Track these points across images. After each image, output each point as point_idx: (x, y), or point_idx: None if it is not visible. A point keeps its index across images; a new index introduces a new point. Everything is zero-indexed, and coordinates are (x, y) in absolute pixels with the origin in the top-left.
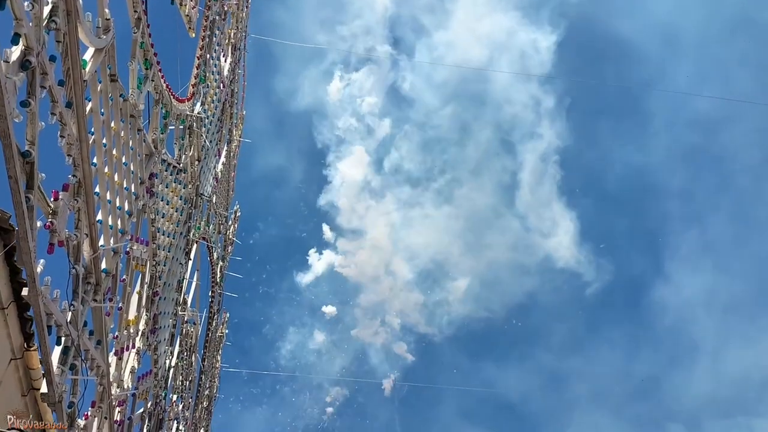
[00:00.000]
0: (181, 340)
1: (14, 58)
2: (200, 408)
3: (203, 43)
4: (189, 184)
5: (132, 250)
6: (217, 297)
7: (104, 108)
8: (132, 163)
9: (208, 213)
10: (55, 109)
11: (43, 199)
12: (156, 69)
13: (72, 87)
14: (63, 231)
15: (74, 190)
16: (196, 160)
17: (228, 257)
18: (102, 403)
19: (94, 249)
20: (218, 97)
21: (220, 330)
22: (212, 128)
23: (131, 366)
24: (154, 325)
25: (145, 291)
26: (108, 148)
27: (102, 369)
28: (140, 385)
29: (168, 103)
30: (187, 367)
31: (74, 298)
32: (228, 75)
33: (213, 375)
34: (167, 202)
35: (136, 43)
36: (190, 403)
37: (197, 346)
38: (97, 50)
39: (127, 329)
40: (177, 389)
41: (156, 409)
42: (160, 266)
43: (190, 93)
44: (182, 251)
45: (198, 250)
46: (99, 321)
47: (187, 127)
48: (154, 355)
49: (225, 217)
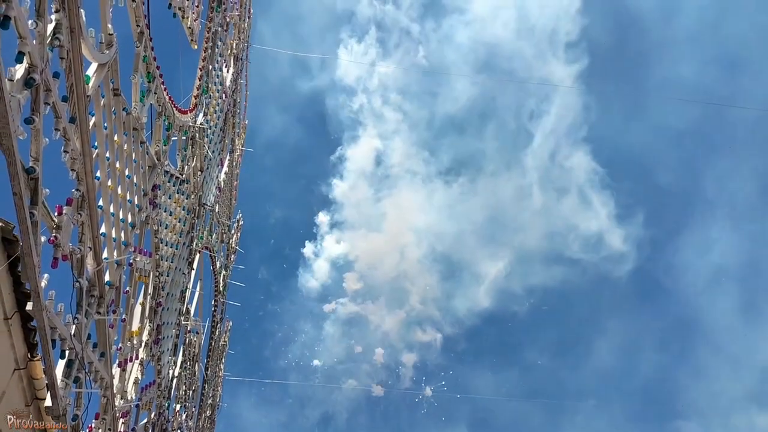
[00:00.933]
0: (185, 350)
1: (18, 76)
2: (203, 417)
3: (205, 54)
4: (192, 195)
5: (135, 261)
6: (219, 306)
7: (107, 122)
8: (135, 176)
9: (211, 222)
10: (58, 124)
11: (47, 214)
12: (159, 82)
13: (75, 102)
14: (67, 245)
15: (78, 204)
16: (198, 170)
17: (231, 266)
18: (106, 414)
19: (97, 262)
20: (221, 107)
21: (223, 338)
22: (215, 138)
23: (135, 377)
24: (158, 336)
25: (148, 302)
26: (111, 162)
27: (105, 381)
28: (144, 395)
29: (171, 115)
30: (191, 376)
31: (78, 311)
32: (230, 85)
33: (216, 384)
34: (170, 213)
35: (138, 56)
36: (193, 413)
37: (200, 355)
38: (100, 65)
39: (130, 340)
40: (180, 399)
41: (159, 419)
42: (163, 277)
43: (193, 104)
44: (185, 261)
45: (201, 259)
46: (103, 333)
47: (190, 138)
48: (157, 365)
49: (228, 226)
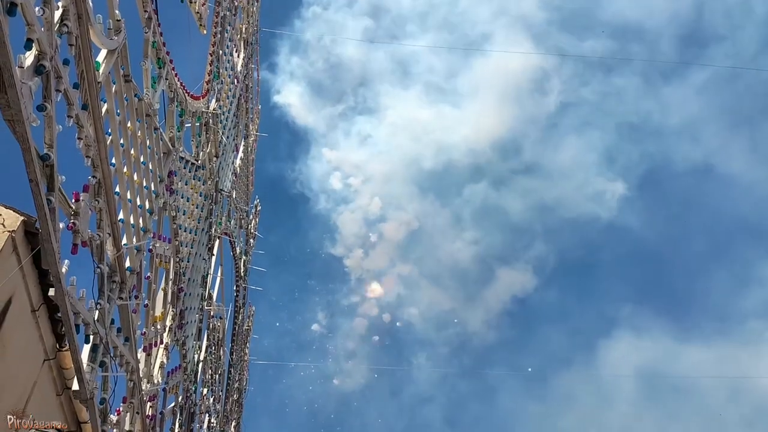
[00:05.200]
0: (209, 335)
1: (28, 63)
2: (231, 401)
3: (215, 39)
4: (208, 181)
5: (155, 247)
6: (241, 291)
7: (120, 108)
8: (150, 162)
9: (229, 208)
10: (71, 111)
11: (64, 200)
12: (169, 67)
13: (87, 89)
14: (86, 231)
15: (95, 191)
16: (214, 156)
17: (251, 251)
18: (133, 398)
19: (117, 248)
20: (233, 92)
21: (247, 323)
22: (229, 124)
23: (160, 361)
24: (181, 321)
25: (170, 287)
26: (126, 148)
27: (131, 365)
28: (170, 379)
29: (183, 101)
30: (216, 360)
31: (100, 297)
32: (241, 70)
33: (242, 368)
34: (187, 199)
35: (147, 42)
36: (220, 396)
37: (225, 340)
38: (109, 52)
39: (154, 325)
40: (207, 383)
41: (187, 402)
42: (183, 263)
43: (205, 90)
44: (205, 247)
45: (221, 245)
46: (126, 318)
47: (204, 124)
48: (182, 350)
49: (246, 212)
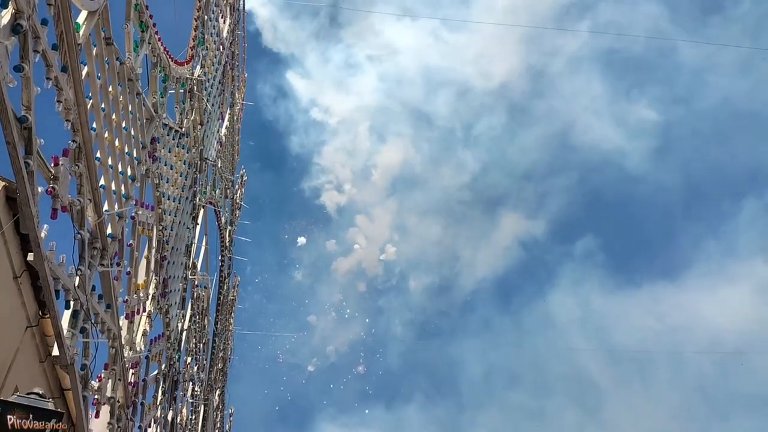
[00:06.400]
0: (193, 304)
1: (5, 22)
2: (215, 370)
3: (200, 3)
4: (192, 149)
5: (137, 215)
6: (227, 261)
7: (101, 72)
8: (132, 128)
9: (214, 177)
10: (50, 73)
11: (43, 164)
12: (152, 31)
13: (66, 51)
14: (65, 196)
15: (75, 156)
16: (198, 124)
17: (236, 221)
18: (115, 365)
19: (98, 214)
20: (218, 59)
21: (232, 293)
22: (214, 91)
23: (143, 329)
24: (164, 289)
25: (153, 255)
26: (107, 113)
27: (113, 332)
28: (153, 347)
29: (167, 66)
30: (200, 330)
31: (81, 263)
32: (227, 37)
33: (226, 337)
34: (171, 167)
35: (130, 4)
36: (204, 365)
37: (209, 309)
38: (90, 13)
39: (136, 293)
40: (191, 351)
41: (170, 370)
42: (166, 231)
43: (189, 56)
44: (189, 216)
45: (206, 214)
46: (107, 285)
47: (188, 91)
48: (165, 318)
49: (231, 182)
